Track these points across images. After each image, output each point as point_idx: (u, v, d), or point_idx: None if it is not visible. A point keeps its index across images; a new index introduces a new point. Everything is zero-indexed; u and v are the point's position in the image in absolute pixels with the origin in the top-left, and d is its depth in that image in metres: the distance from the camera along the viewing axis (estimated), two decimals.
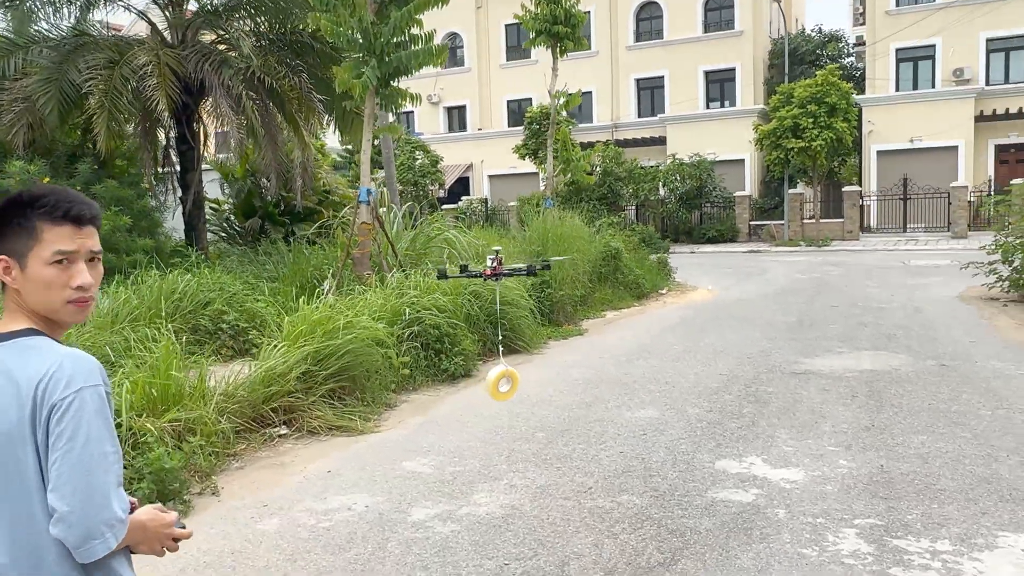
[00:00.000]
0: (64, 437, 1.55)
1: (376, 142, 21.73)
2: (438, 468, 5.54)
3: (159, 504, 1.92)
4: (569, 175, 17.46)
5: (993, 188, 29.14)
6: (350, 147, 29.24)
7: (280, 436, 6.37)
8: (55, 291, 1.66)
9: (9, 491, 1.60)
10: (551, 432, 6.28)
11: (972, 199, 28.05)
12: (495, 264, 4.40)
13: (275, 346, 6.77)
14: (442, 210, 23.48)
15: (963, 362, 8.28)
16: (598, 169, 25.86)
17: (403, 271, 9.84)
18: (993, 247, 13.17)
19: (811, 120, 26.00)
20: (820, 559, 3.88)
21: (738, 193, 30.77)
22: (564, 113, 27.40)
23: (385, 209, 12.24)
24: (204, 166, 14.82)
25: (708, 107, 34.34)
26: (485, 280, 4.61)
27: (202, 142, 14.10)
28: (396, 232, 11.72)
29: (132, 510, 1.68)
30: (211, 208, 15.89)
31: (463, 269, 4.96)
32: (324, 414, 6.63)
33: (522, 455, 5.74)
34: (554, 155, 16.09)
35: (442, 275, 4.97)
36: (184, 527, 1.80)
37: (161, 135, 14.19)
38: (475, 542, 4.27)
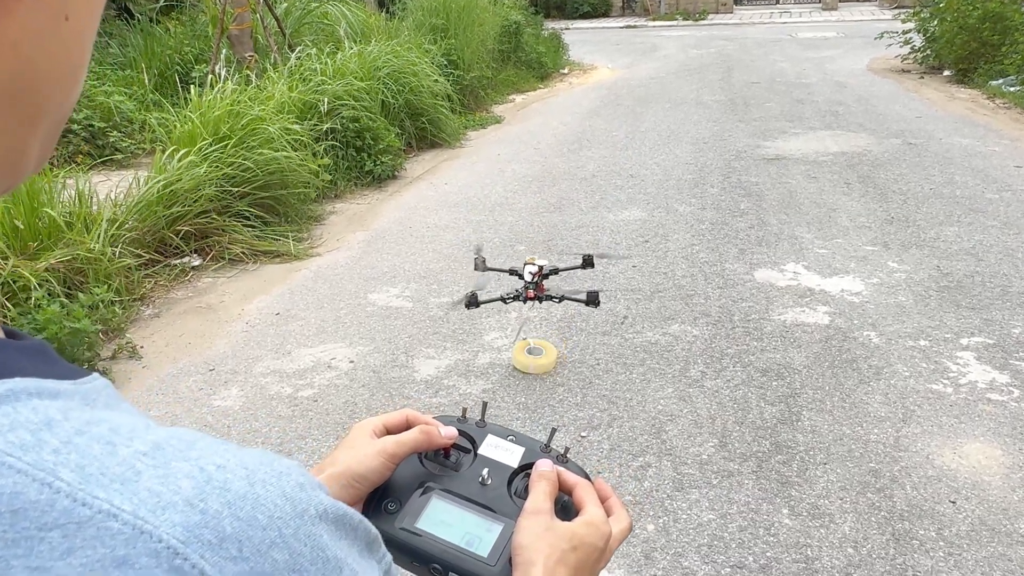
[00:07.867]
0: None
1: None
2: (418, 301, 4.44)
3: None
4: None
5: None
6: None
7: (193, 268, 5.01)
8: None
9: None
10: (532, 244, 5.25)
11: None
12: (536, 279, 3.26)
13: (170, 154, 5.19)
14: None
15: (926, 140, 7.75)
16: None
17: (293, 52, 8.06)
18: (908, 16, 12.62)
19: None
20: (960, 397, 3.19)
21: None
22: None
23: None
24: None
25: None
26: (525, 302, 3.41)
27: None
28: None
29: None
30: None
31: (479, 267, 3.56)
32: (244, 237, 5.28)
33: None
34: None
35: (472, 303, 3.51)
36: None
37: None
38: (522, 404, 3.30)
